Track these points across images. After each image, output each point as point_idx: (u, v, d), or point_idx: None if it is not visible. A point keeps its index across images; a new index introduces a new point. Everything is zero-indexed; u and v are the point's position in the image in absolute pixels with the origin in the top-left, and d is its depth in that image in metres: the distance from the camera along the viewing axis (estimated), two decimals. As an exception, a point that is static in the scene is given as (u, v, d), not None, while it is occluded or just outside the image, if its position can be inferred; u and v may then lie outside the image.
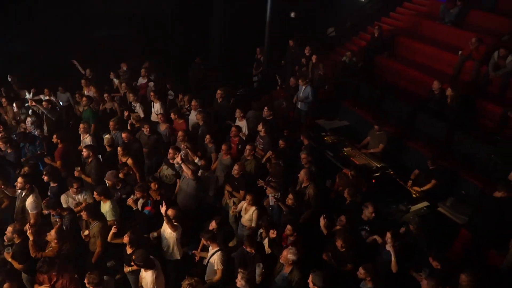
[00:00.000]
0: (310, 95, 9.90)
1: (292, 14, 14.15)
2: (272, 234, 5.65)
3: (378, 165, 8.20)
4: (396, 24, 12.90)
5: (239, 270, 4.88)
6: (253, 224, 6.36)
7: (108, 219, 6.15)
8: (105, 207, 6.25)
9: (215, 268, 5.46)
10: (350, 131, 9.89)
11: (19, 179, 6.32)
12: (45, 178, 6.69)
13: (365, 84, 10.64)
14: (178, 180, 7.33)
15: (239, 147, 8.12)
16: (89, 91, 9.93)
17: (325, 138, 9.12)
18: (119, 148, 7.34)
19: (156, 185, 6.60)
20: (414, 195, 7.54)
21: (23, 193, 6.40)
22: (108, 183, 6.74)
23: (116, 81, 10.79)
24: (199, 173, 6.95)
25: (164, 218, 5.64)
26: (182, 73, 12.55)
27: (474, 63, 9.72)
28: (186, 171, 6.56)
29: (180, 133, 7.74)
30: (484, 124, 8.94)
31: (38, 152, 7.95)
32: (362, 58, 11.49)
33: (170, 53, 13.50)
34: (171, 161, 7.25)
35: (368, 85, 10.59)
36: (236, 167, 6.85)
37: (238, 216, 6.78)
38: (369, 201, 6.36)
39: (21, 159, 7.66)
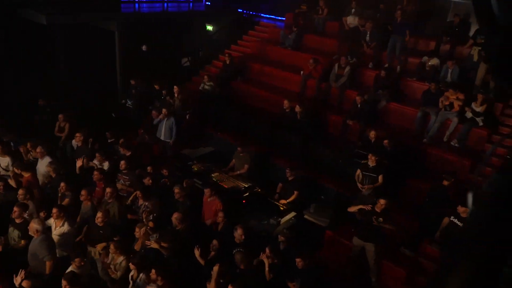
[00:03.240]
0: (173, 126, 9.91)
1: (144, 47, 14.08)
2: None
3: (246, 185, 8.56)
4: (245, 51, 13.83)
5: None
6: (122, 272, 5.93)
7: None
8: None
9: None
10: (216, 156, 10.14)
11: None
12: None
13: (224, 108, 11.09)
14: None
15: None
16: None
17: (192, 167, 9.17)
18: None
19: None
20: (282, 208, 8.05)
21: None
22: None
23: None
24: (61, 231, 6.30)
25: None
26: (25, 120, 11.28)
27: (316, 81, 10.97)
28: (32, 231, 5.87)
29: (20, 191, 6.80)
30: (330, 133, 10.07)
31: None
32: (218, 84, 11.96)
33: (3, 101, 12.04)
34: (16, 220, 6.38)
35: (227, 109, 11.06)
36: (99, 215, 6.38)
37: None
38: (238, 224, 6.54)
39: None
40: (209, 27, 16.10)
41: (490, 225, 0.91)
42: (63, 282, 5.03)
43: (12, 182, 7.43)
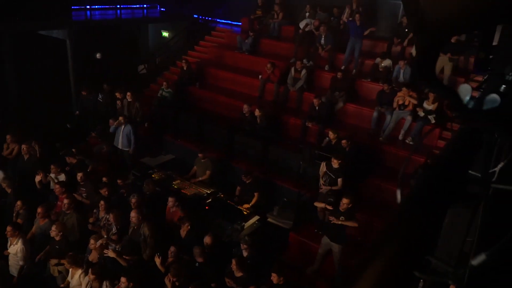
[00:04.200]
0: (131, 134, 9.65)
1: (98, 55, 13.68)
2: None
3: (208, 191, 8.47)
4: (202, 56, 13.74)
5: None
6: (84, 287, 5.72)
7: None
8: None
9: None
10: (177, 164, 9.98)
11: None
12: None
13: (183, 115, 10.94)
14: None
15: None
16: None
17: (153, 176, 8.97)
18: None
19: None
20: (245, 213, 8.03)
21: None
22: None
23: None
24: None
25: None
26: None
27: (274, 85, 11.06)
28: None
29: None
30: (290, 135, 10.17)
31: None
32: (176, 90, 11.79)
33: None
34: None
35: (185, 115, 10.91)
36: (53, 228, 6.09)
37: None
38: (209, 232, 6.47)
39: None
40: (165, 34, 15.90)
41: (409, 219, 0.93)
42: None
43: None
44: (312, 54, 11.45)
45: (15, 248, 6.09)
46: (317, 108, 9.66)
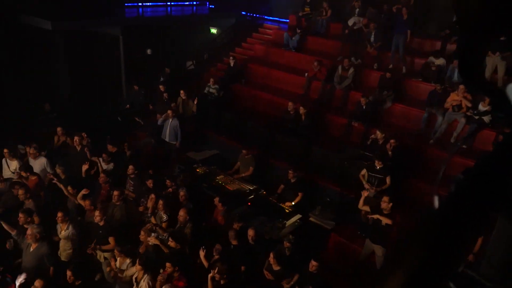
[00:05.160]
0: (178, 128, 9.95)
1: (148, 51, 14.13)
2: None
3: (251, 188, 8.52)
4: (248, 53, 13.81)
5: None
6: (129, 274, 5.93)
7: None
8: None
9: None
10: (220, 159, 10.10)
11: None
12: None
13: (227, 111, 11.06)
14: None
15: (111, 192, 7.62)
16: None
17: (197, 170, 9.15)
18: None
19: None
20: (287, 211, 8.00)
21: None
22: None
23: None
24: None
25: None
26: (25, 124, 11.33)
27: (320, 83, 10.92)
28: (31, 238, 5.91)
29: (20, 192, 6.85)
30: (334, 134, 9.99)
31: None
32: (222, 87, 11.94)
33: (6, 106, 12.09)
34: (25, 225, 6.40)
35: (229, 112, 11.03)
36: (97, 213, 6.36)
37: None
38: (251, 226, 6.57)
39: None
40: (213, 30, 16.12)
41: (440, 225, 0.87)
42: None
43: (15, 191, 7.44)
44: (360, 52, 11.20)
45: (66, 233, 6.39)
46: (364, 107, 9.44)
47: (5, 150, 8.28)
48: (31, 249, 5.96)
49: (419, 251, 0.84)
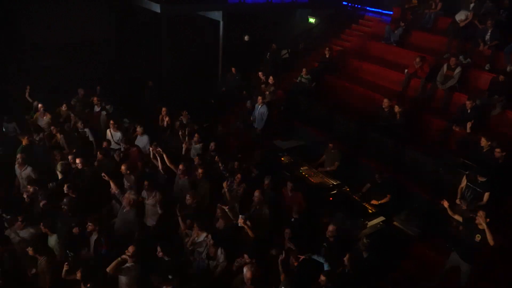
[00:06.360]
0: (265, 113, 10.14)
1: (246, 37, 14.41)
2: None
3: (334, 183, 8.33)
4: (345, 45, 13.41)
5: None
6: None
7: (55, 253, 5.89)
8: (51, 240, 5.99)
9: None
10: (305, 150, 10.01)
11: None
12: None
13: (317, 103, 10.89)
14: None
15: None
16: (45, 117, 9.60)
17: (282, 159, 9.18)
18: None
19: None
20: (370, 211, 7.69)
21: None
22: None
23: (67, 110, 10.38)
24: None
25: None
26: (131, 99, 12.32)
27: (420, 81, 10.24)
28: (126, 201, 6.45)
29: (123, 165, 7.43)
30: (429, 137, 9.31)
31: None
32: (314, 78, 11.79)
33: (116, 80, 13.23)
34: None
35: (320, 104, 10.84)
36: (188, 197, 6.75)
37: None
38: (331, 222, 6.47)
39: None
40: (311, 19, 15.91)
41: None
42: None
43: (116, 157, 8.20)
44: (470, 50, 10.23)
45: (154, 199, 6.92)
46: (469, 111, 8.64)
47: (111, 122, 9.12)
48: (124, 211, 6.55)
49: None
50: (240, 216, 6.29)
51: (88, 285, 4.98)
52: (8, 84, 10.71)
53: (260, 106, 10.28)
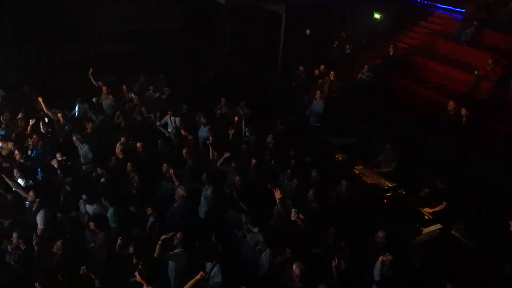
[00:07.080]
0: (322, 109, 10.08)
1: (307, 32, 14.27)
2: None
3: (390, 185, 8.09)
4: (411, 43, 12.89)
5: None
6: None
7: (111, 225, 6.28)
8: (108, 213, 6.40)
9: None
10: (360, 149, 9.78)
11: (31, 193, 6.33)
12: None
13: (377, 102, 10.59)
14: None
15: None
16: (108, 100, 10.16)
17: (336, 156, 9.07)
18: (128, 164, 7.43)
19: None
20: (426, 217, 7.39)
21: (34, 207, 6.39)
22: None
23: (133, 95, 10.88)
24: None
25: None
26: (192, 87, 12.69)
27: (491, 83, 9.64)
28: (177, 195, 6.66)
29: (184, 150, 7.76)
30: (495, 144, 8.74)
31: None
32: (376, 75, 11.47)
33: (180, 68, 13.68)
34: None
35: (379, 103, 10.54)
36: (237, 178, 7.00)
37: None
38: (381, 229, 6.25)
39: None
40: (377, 15, 15.40)
41: None
42: None
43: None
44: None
45: (208, 191, 7.08)
46: (543, 120, 8.04)
47: (169, 112, 9.46)
48: (175, 205, 6.78)
49: None
50: (293, 210, 6.31)
51: (141, 263, 5.14)
52: (80, 71, 11.38)
53: (317, 102, 10.20)
